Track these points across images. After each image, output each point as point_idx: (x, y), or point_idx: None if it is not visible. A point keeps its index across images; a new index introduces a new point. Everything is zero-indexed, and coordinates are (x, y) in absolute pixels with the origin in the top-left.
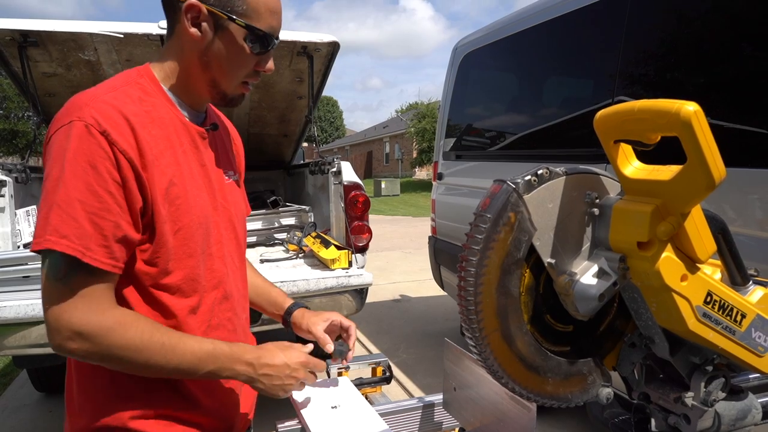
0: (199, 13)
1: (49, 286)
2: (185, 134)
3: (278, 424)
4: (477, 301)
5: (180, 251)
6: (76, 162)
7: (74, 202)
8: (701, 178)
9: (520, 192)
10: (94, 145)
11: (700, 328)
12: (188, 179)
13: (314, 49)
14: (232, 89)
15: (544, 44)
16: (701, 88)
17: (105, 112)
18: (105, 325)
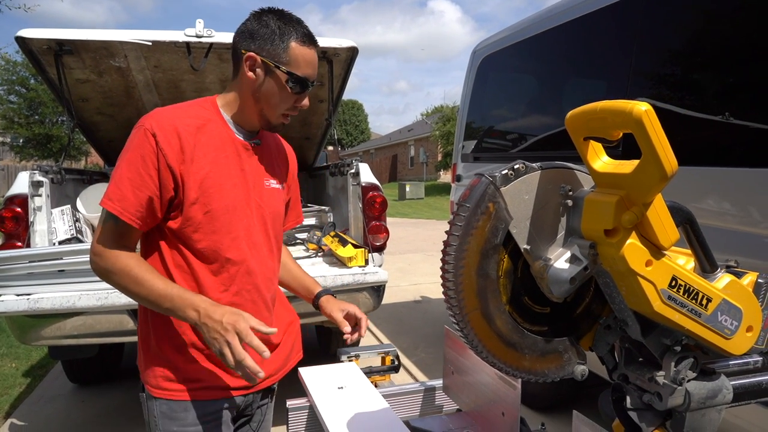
0: (255, 62)
1: (98, 226)
2: (230, 145)
3: (288, 402)
4: (458, 282)
5: (206, 227)
6: (134, 153)
7: (125, 179)
8: (655, 171)
9: (497, 184)
10: (146, 143)
11: (666, 310)
12: (225, 176)
13: (334, 54)
14: (275, 119)
15: (564, 46)
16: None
17: (160, 123)
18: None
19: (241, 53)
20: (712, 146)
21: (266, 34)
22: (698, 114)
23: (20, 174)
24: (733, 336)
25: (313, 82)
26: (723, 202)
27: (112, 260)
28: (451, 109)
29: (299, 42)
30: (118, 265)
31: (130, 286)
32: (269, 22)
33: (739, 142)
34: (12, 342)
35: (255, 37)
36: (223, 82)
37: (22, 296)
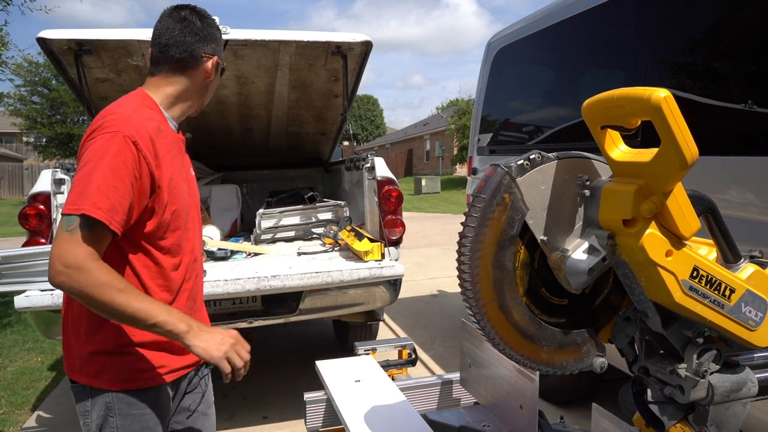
0: (215, 63)
1: (61, 235)
2: (176, 142)
3: (306, 395)
4: (474, 274)
5: (172, 224)
6: (116, 160)
7: (110, 187)
8: (675, 159)
9: (513, 175)
10: (128, 151)
11: (687, 301)
12: (178, 175)
13: (348, 49)
14: (201, 107)
15: (580, 36)
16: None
17: (137, 129)
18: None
19: (201, 56)
20: (735, 135)
21: (215, 37)
22: (720, 103)
23: (43, 172)
24: (758, 328)
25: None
26: (747, 192)
27: (97, 274)
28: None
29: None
30: (102, 278)
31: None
32: (212, 23)
33: (763, 130)
34: (38, 337)
35: (208, 40)
36: (238, 78)
37: (45, 291)
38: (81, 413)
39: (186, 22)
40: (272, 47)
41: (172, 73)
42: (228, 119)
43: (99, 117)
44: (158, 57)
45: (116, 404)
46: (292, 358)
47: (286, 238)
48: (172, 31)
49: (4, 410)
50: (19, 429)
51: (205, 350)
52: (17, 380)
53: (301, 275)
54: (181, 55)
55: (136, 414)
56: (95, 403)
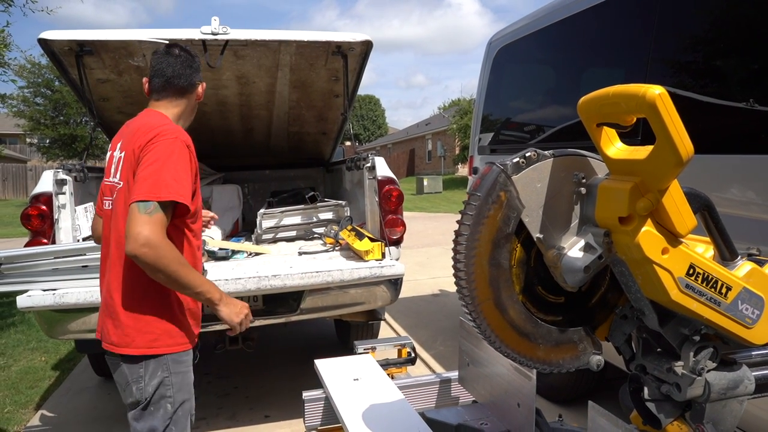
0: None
1: (140, 216)
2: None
3: (304, 393)
4: (470, 272)
5: (198, 212)
6: (180, 158)
7: (182, 178)
8: (670, 156)
9: (508, 173)
10: (186, 152)
11: (683, 299)
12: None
13: (348, 49)
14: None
15: (581, 35)
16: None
17: (186, 137)
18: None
19: (196, 83)
20: (736, 134)
21: (200, 66)
22: (720, 101)
23: (44, 173)
24: (755, 325)
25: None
26: (747, 191)
27: (168, 249)
28: (468, 102)
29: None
30: (173, 253)
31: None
32: (196, 55)
33: (765, 129)
34: (41, 336)
35: (198, 70)
36: (239, 78)
37: (48, 291)
38: (133, 380)
39: (182, 57)
40: (272, 47)
41: (175, 98)
42: (229, 119)
43: (151, 129)
44: (164, 86)
45: (171, 365)
46: (293, 358)
47: (287, 237)
48: (174, 66)
49: (8, 409)
50: (23, 428)
51: (229, 315)
52: (21, 380)
53: (302, 275)
54: (184, 83)
55: (183, 372)
56: (148, 367)
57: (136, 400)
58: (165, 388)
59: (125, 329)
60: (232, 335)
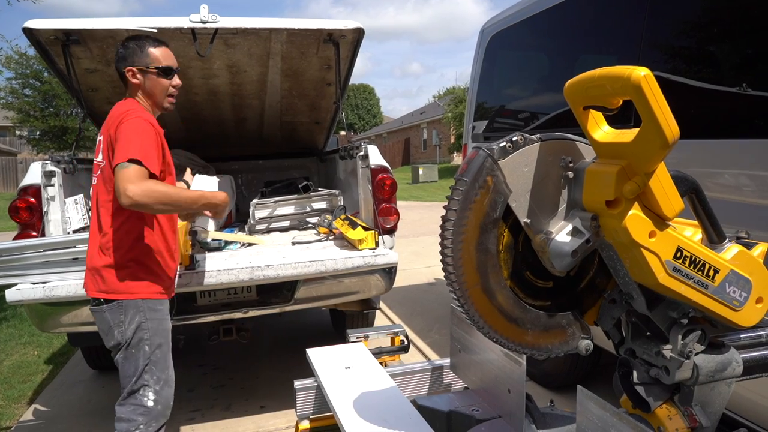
0: (133, 72)
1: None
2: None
3: (296, 382)
4: (457, 257)
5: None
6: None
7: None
8: (655, 138)
9: (495, 157)
10: (151, 128)
11: (671, 282)
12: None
13: (340, 36)
14: (164, 103)
15: (573, 20)
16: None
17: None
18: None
19: (123, 71)
20: (729, 118)
21: (129, 53)
22: (713, 86)
23: (32, 164)
24: (742, 308)
25: (176, 68)
26: (740, 176)
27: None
28: (463, 91)
29: (154, 47)
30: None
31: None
32: (129, 44)
33: (758, 113)
34: (34, 331)
35: (126, 58)
36: (230, 67)
37: (37, 284)
38: (115, 324)
39: (118, 50)
40: (263, 35)
41: (126, 86)
42: (221, 109)
43: (120, 113)
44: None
45: (147, 311)
46: (289, 349)
47: (281, 227)
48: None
49: (1, 404)
50: (16, 422)
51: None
52: (14, 374)
53: (295, 264)
54: (120, 73)
55: (159, 318)
56: (128, 312)
57: (118, 342)
58: (143, 332)
59: (106, 278)
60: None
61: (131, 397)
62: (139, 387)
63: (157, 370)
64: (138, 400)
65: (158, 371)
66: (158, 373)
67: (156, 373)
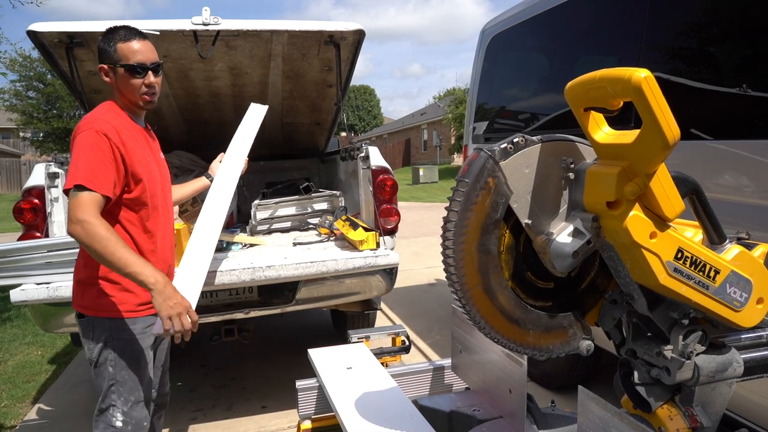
0: (104, 70)
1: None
2: (140, 134)
3: (297, 382)
4: (458, 258)
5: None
6: (95, 150)
7: (94, 166)
8: (656, 140)
9: (496, 159)
10: (102, 142)
11: (672, 283)
12: (143, 157)
13: (341, 38)
14: (140, 101)
15: (573, 22)
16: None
17: (103, 126)
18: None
19: (98, 71)
20: (730, 119)
21: (103, 49)
22: (714, 87)
23: (36, 166)
24: (743, 308)
25: (152, 63)
26: (741, 176)
27: (96, 225)
28: (463, 92)
29: (122, 41)
30: (101, 231)
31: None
32: (102, 39)
33: (759, 114)
34: (37, 331)
35: (100, 54)
36: (232, 69)
37: (41, 285)
38: (85, 339)
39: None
40: (264, 37)
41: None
42: (223, 111)
43: (78, 125)
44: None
45: (113, 330)
46: (290, 349)
47: (282, 228)
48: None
49: (5, 403)
50: (20, 422)
51: (160, 305)
52: (18, 374)
53: (296, 265)
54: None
55: (126, 339)
56: (95, 329)
57: (88, 358)
58: (107, 352)
59: (77, 291)
60: (166, 335)
61: (102, 415)
62: (107, 406)
63: (124, 391)
64: (107, 419)
65: (126, 392)
66: (126, 394)
67: (123, 394)
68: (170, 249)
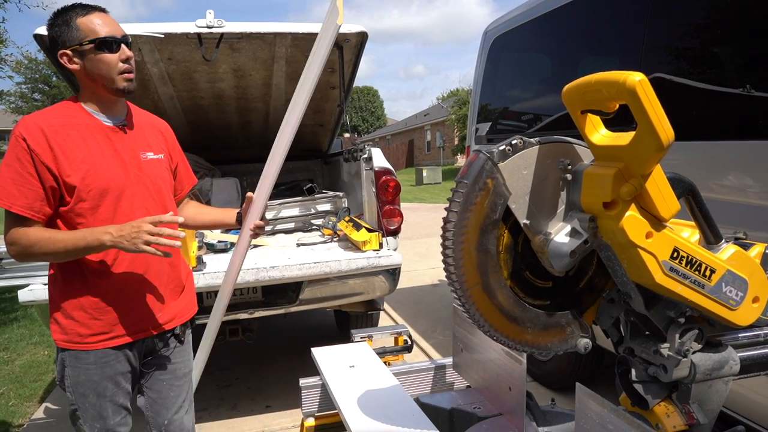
0: (67, 56)
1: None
2: (99, 131)
3: (301, 380)
4: (458, 258)
5: (92, 203)
6: (10, 157)
7: (7, 180)
8: (651, 142)
9: (495, 160)
10: (19, 147)
11: (668, 282)
12: (99, 160)
13: (344, 40)
14: (119, 83)
15: (575, 23)
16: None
17: (27, 128)
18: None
19: (56, 59)
20: (732, 120)
21: (58, 33)
22: (716, 87)
23: None
24: (739, 307)
25: (122, 36)
26: (745, 177)
27: (24, 238)
28: (466, 93)
29: (81, 16)
30: (31, 238)
31: (49, 246)
32: (54, 22)
33: (761, 115)
34: (44, 331)
35: (55, 41)
36: (235, 71)
37: (48, 285)
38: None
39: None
40: (268, 40)
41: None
42: (226, 113)
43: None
44: None
45: (68, 359)
46: (294, 349)
47: (286, 229)
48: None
49: (13, 402)
50: (28, 420)
51: (125, 248)
52: (25, 373)
53: (300, 266)
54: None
55: (83, 368)
56: (59, 355)
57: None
58: (67, 379)
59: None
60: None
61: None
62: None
63: (88, 418)
64: None
65: (90, 419)
66: (90, 421)
67: (88, 421)
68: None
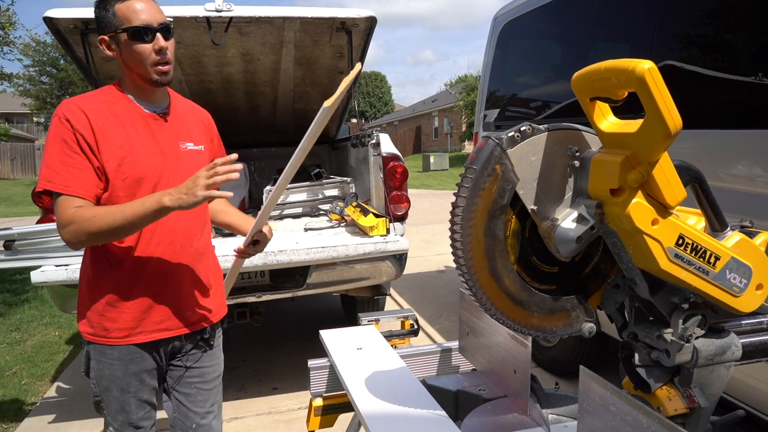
0: (105, 42)
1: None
2: (139, 118)
3: (309, 361)
4: (466, 242)
5: (127, 191)
6: (54, 140)
7: (57, 164)
8: (659, 130)
9: (503, 146)
10: (64, 128)
11: (673, 268)
12: (138, 147)
13: (352, 25)
14: (152, 74)
15: (586, 9)
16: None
17: (69, 109)
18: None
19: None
20: (743, 108)
21: (99, 18)
22: (727, 75)
23: None
24: (742, 294)
25: (160, 24)
26: (754, 166)
27: (79, 214)
28: (475, 79)
29: (121, 2)
30: (86, 214)
31: (106, 218)
32: (96, 7)
33: None
34: (55, 312)
35: (98, 25)
36: (244, 56)
37: (60, 267)
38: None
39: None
40: (276, 24)
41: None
42: (235, 97)
43: None
44: None
45: (94, 353)
46: (301, 332)
47: (293, 214)
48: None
49: (25, 381)
50: (40, 398)
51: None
52: (36, 353)
53: (308, 250)
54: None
55: (106, 363)
56: (85, 348)
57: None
58: (91, 371)
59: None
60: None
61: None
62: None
63: (111, 410)
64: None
65: (113, 412)
66: (113, 413)
67: (111, 413)
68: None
